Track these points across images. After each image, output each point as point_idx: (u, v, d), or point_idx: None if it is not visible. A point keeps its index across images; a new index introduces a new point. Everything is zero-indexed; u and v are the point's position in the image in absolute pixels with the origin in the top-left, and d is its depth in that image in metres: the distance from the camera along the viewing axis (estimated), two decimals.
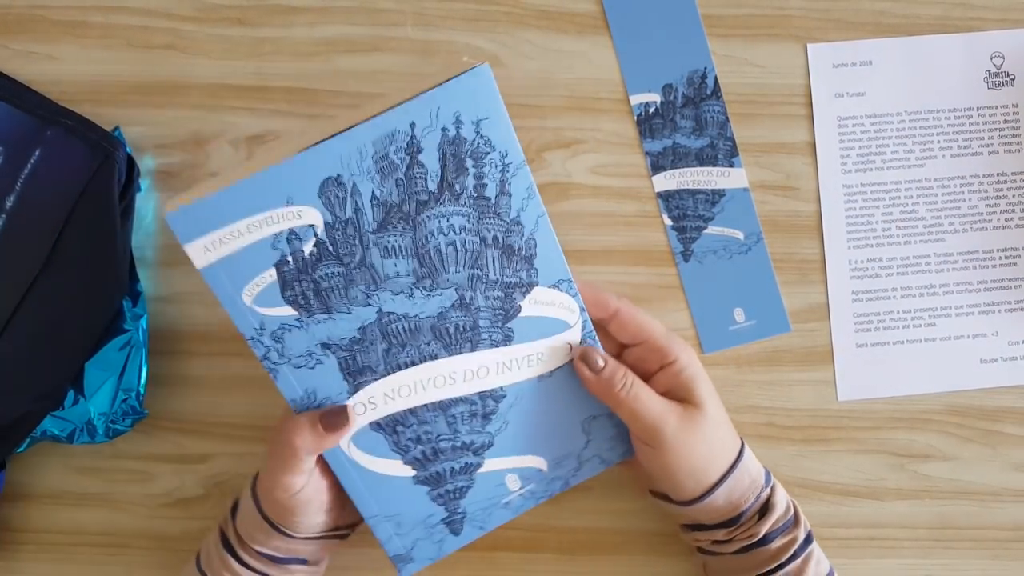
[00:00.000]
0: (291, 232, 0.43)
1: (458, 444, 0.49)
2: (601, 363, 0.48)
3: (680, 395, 0.49)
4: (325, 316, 0.45)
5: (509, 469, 0.50)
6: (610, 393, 0.48)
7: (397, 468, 0.49)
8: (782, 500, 0.50)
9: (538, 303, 0.47)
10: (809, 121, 0.59)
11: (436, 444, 0.49)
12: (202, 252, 0.42)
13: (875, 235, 0.58)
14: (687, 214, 0.58)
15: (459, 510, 0.50)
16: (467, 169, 0.44)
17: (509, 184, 0.45)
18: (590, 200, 0.58)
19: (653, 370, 0.50)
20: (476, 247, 0.45)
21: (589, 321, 0.49)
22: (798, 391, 0.58)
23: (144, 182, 0.57)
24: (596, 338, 0.49)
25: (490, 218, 0.45)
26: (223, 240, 0.42)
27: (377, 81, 0.58)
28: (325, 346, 0.45)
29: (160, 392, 0.56)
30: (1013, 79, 0.59)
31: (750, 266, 0.58)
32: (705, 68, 0.59)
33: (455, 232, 0.45)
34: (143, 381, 0.54)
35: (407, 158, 0.43)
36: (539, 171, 0.58)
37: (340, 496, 0.49)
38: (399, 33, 0.58)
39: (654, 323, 0.50)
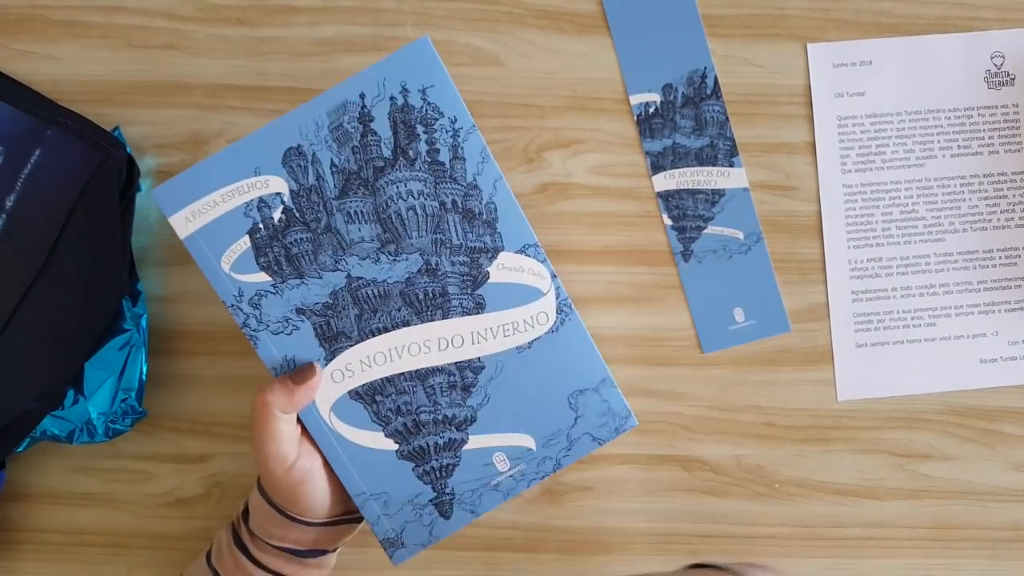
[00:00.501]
0: (260, 200, 0.46)
1: (439, 417, 0.49)
2: None
3: None
4: (298, 281, 0.47)
5: (496, 447, 0.50)
6: None
7: (379, 441, 0.49)
8: None
9: (506, 269, 0.48)
10: (809, 121, 0.59)
11: (416, 416, 0.49)
12: (184, 223, 0.46)
13: (875, 235, 0.58)
14: (687, 214, 0.58)
15: (447, 490, 0.50)
16: (418, 135, 0.47)
17: (462, 149, 0.47)
18: (590, 200, 0.58)
19: None
20: (436, 212, 0.47)
21: (563, 288, 0.49)
22: (798, 391, 0.58)
23: (144, 182, 0.57)
24: (572, 305, 0.49)
25: (447, 182, 0.47)
26: (201, 210, 0.46)
27: None
28: (300, 311, 0.47)
29: (160, 392, 0.56)
30: (1013, 79, 0.59)
31: (750, 266, 0.58)
32: (705, 68, 0.59)
33: (413, 197, 0.47)
34: (143, 381, 0.54)
35: (360, 127, 0.46)
36: (539, 171, 0.58)
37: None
38: (399, 33, 0.58)
39: None
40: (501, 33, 0.58)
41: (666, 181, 0.58)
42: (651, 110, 0.59)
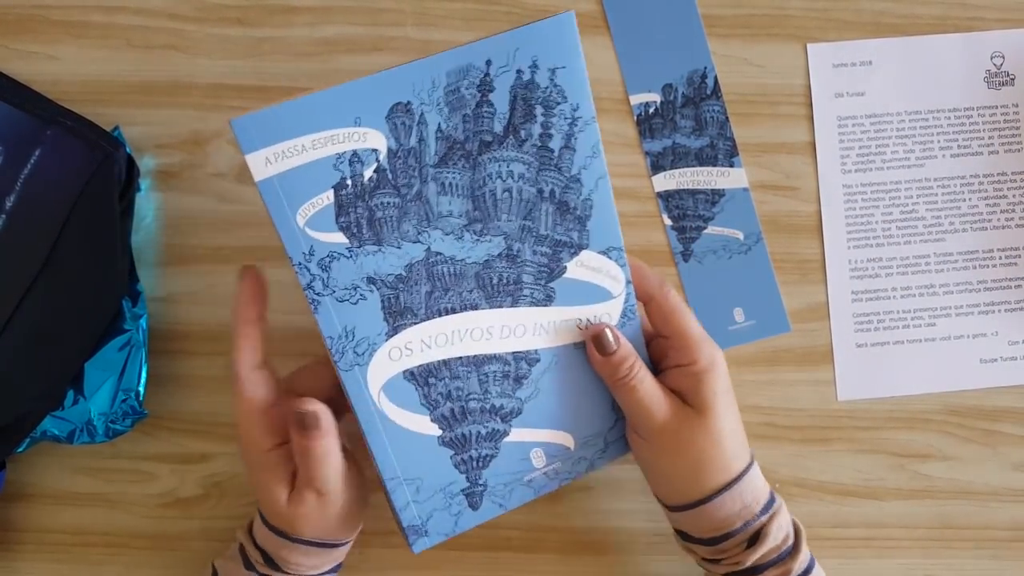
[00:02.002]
0: (354, 154, 0.42)
1: (487, 406, 0.48)
2: (613, 346, 0.47)
3: (688, 398, 0.48)
4: (375, 248, 0.44)
5: (535, 443, 0.49)
6: (614, 376, 0.48)
7: (424, 425, 0.47)
8: (780, 529, 0.47)
9: (584, 267, 0.47)
10: (809, 121, 0.59)
11: (465, 403, 0.47)
12: (263, 164, 0.41)
13: (875, 235, 0.58)
14: (687, 214, 0.58)
15: (480, 481, 0.49)
16: (535, 116, 0.44)
17: (575, 139, 0.45)
18: None
19: (671, 366, 0.49)
20: (532, 198, 0.45)
21: (633, 295, 0.48)
22: (798, 391, 0.58)
23: (144, 182, 0.57)
24: (637, 315, 0.48)
25: (550, 170, 0.45)
26: (286, 153, 0.41)
27: None
28: (371, 280, 0.44)
29: (160, 392, 0.56)
30: (1013, 79, 0.59)
31: (750, 266, 0.58)
32: (705, 68, 0.59)
33: (513, 179, 0.45)
34: (143, 381, 0.54)
35: (478, 95, 0.43)
36: None
37: (357, 488, 0.48)
38: (399, 33, 0.58)
39: (691, 321, 0.48)
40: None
41: (666, 181, 0.58)
42: (651, 110, 0.59)
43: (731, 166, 0.59)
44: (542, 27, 0.42)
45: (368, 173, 0.43)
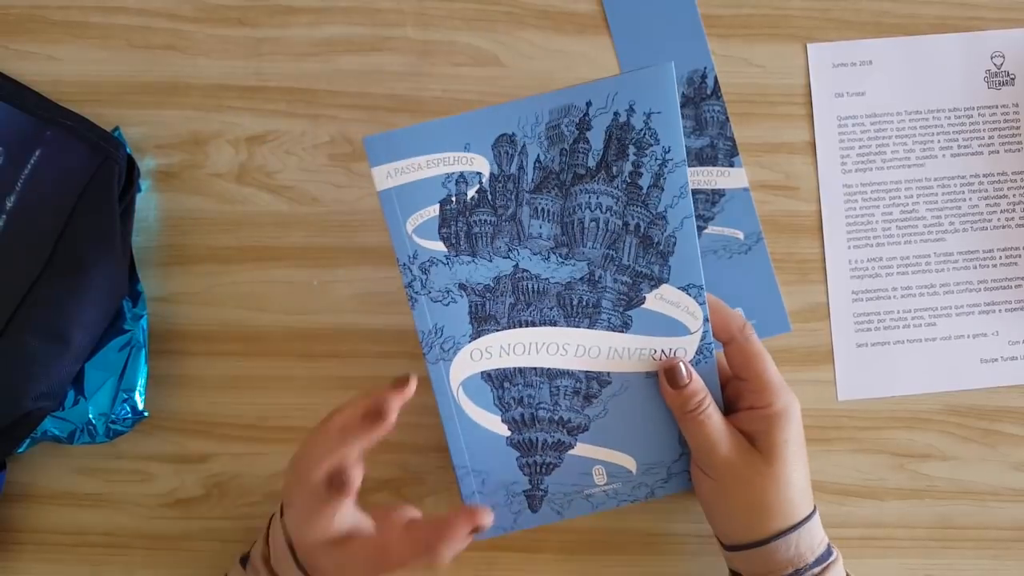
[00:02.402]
0: (461, 175, 0.47)
1: (555, 417, 0.51)
2: (685, 380, 0.49)
3: (758, 442, 0.49)
4: (469, 259, 0.48)
5: (598, 460, 0.52)
6: (683, 409, 0.49)
7: (495, 424, 0.51)
8: None
9: (663, 300, 0.49)
10: (809, 121, 0.59)
11: (535, 411, 0.51)
12: (384, 176, 0.47)
13: (875, 235, 0.58)
14: None
15: (542, 486, 0.52)
16: (628, 155, 0.47)
17: (664, 179, 0.47)
18: None
19: (744, 408, 0.50)
20: (617, 229, 0.48)
21: (710, 333, 0.49)
22: (798, 391, 0.58)
23: (144, 182, 0.57)
24: (713, 353, 0.50)
25: (637, 206, 0.48)
26: (404, 169, 0.47)
27: (377, 81, 0.58)
28: (462, 287, 0.49)
29: (160, 392, 0.56)
30: (1013, 79, 0.59)
31: (750, 266, 0.58)
32: (705, 68, 0.59)
33: (601, 210, 0.48)
34: (143, 381, 0.54)
35: (576, 132, 0.47)
36: None
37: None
38: (399, 33, 0.58)
39: (770, 366, 0.49)
40: (501, 33, 0.58)
41: None
42: None
43: (731, 166, 0.59)
44: (643, 75, 0.46)
45: (471, 192, 0.48)
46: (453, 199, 0.48)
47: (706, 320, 0.49)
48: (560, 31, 0.58)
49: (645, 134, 0.47)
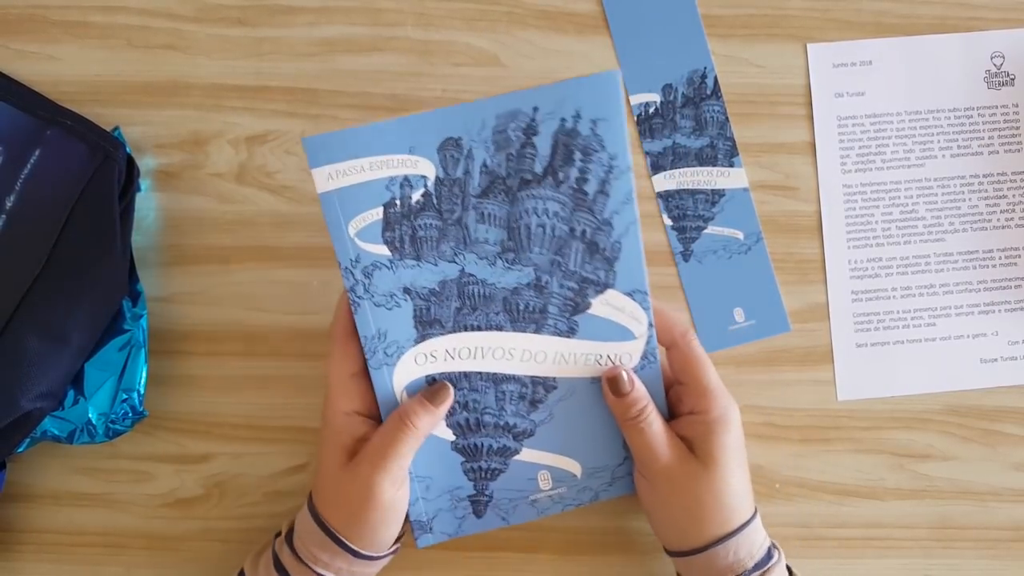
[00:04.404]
0: (405, 178, 0.46)
1: (501, 423, 0.50)
2: (627, 388, 0.49)
3: (696, 447, 0.49)
4: (414, 263, 0.48)
5: (543, 465, 0.51)
6: (624, 416, 0.49)
7: (439, 428, 0.50)
8: None
9: (608, 305, 0.49)
10: (809, 121, 0.59)
11: (480, 415, 0.50)
12: (325, 178, 0.45)
13: (875, 235, 0.58)
14: (687, 214, 0.58)
15: (487, 491, 0.51)
16: (574, 161, 0.46)
17: (610, 185, 0.47)
18: None
19: (684, 412, 0.50)
20: (564, 235, 0.48)
21: (655, 339, 0.49)
22: (798, 391, 0.58)
23: (144, 182, 0.57)
24: (658, 357, 0.50)
25: (584, 212, 0.47)
26: (346, 171, 0.45)
27: (377, 81, 0.58)
28: (407, 291, 0.48)
29: (160, 392, 0.56)
30: (1013, 79, 0.59)
31: (750, 266, 0.58)
32: (705, 68, 0.59)
33: (548, 216, 0.47)
34: (143, 381, 0.54)
35: (523, 137, 0.46)
36: None
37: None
38: (399, 33, 0.58)
39: (710, 372, 0.50)
40: (501, 33, 0.58)
41: (666, 181, 0.58)
42: (651, 110, 0.59)
43: (731, 166, 0.59)
44: (590, 81, 0.45)
45: (416, 196, 0.47)
46: (397, 202, 0.47)
47: (651, 325, 0.49)
48: (560, 31, 0.58)
49: (591, 141, 0.46)
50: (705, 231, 0.58)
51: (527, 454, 0.51)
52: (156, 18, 0.58)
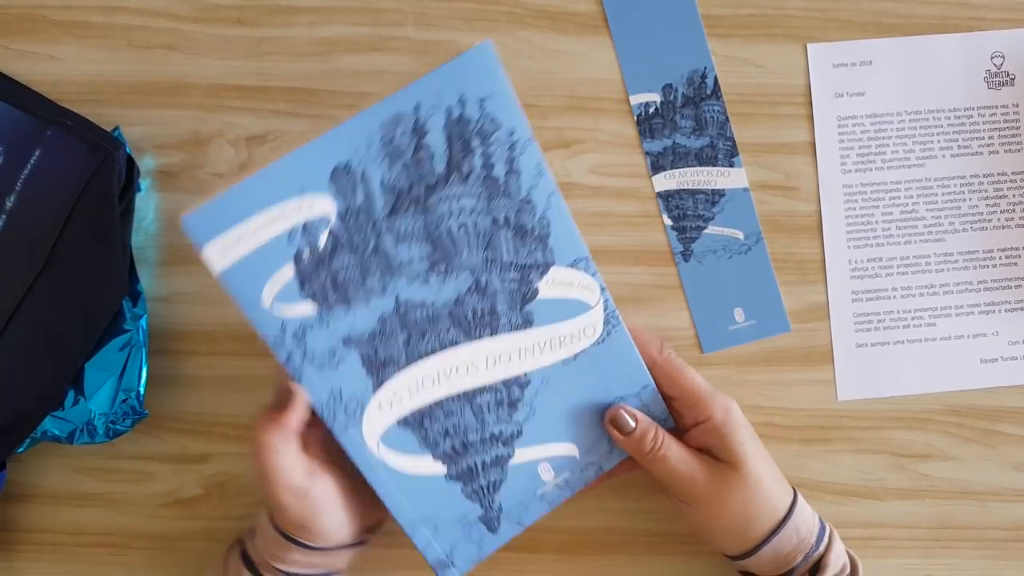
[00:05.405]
0: (305, 225, 0.43)
1: (487, 436, 0.49)
2: (631, 424, 0.49)
3: (717, 453, 0.49)
4: (345, 309, 0.44)
5: (541, 458, 0.50)
6: (641, 452, 0.49)
7: (428, 465, 0.48)
8: (837, 559, 0.49)
9: (556, 284, 0.47)
10: (809, 121, 0.59)
11: (465, 437, 0.48)
12: (219, 255, 0.41)
13: (875, 235, 0.58)
14: (687, 214, 0.58)
15: (495, 505, 0.50)
16: (473, 149, 0.44)
17: (517, 162, 0.45)
18: (590, 200, 0.58)
19: (690, 425, 0.50)
20: (488, 228, 0.45)
21: (611, 300, 0.48)
22: (798, 391, 0.58)
23: (144, 182, 0.57)
24: (618, 316, 0.49)
25: (500, 198, 0.45)
26: (240, 238, 0.41)
27: (377, 81, 0.58)
28: (347, 341, 0.45)
29: (160, 392, 0.56)
30: (1013, 79, 0.59)
31: (750, 266, 0.58)
32: (705, 68, 0.59)
33: (466, 214, 0.45)
34: (143, 381, 0.54)
35: (413, 140, 0.43)
36: None
37: (357, 493, 0.49)
38: (399, 33, 0.58)
39: (695, 377, 0.50)
40: (501, 33, 0.58)
41: (666, 181, 0.58)
42: (651, 110, 0.59)
43: (731, 166, 0.59)
44: (462, 61, 0.43)
45: (322, 239, 0.43)
46: (305, 252, 0.43)
47: (603, 289, 0.48)
48: (560, 31, 0.58)
49: (484, 122, 0.43)
50: (705, 231, 0.58)
51: (521, 454, 0.50)
52: (156, 18, 0.58)
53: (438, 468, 0.49)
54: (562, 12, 0.58)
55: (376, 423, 0.47)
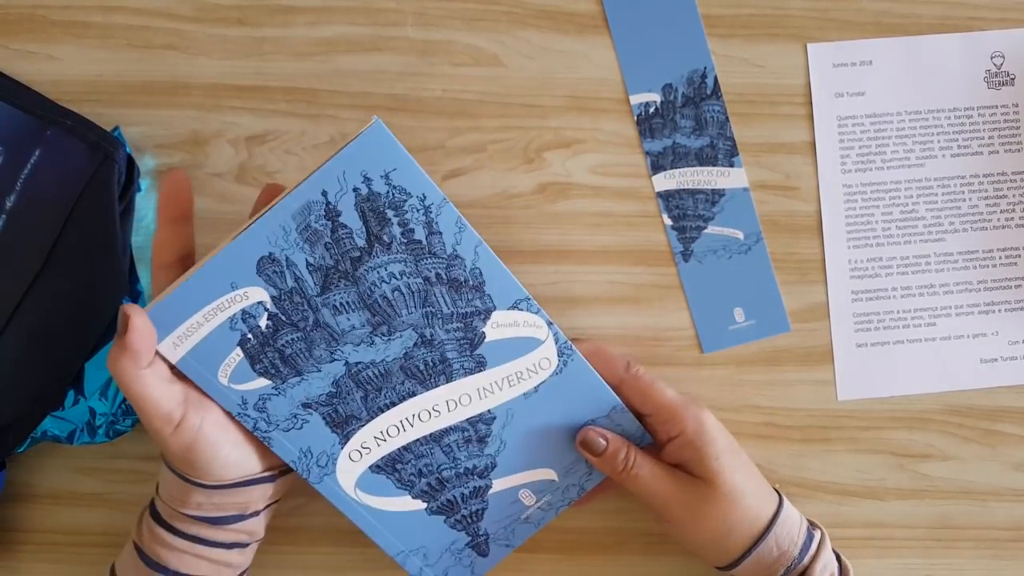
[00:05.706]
0: (244, 312, 0.45)
1: (461, 471, 0.50)
2: (602, 444, 0.49)
3: (692, 468, 0.49)
4: (298, 379, 0.47)
5: (520, 485, 0.51)
6: (615, 471, 0.50)
7: (408, 503, 0.50)
8: (825, 569, 0.49)
9: (501, 326, 0.48)
10: (809, 121, 0.59)
11: (439, 474, 0.50)
12: (172, 348, 0.45)
13: (875, 235, 0.58)
14: (687, 214, 0.58)
15: (480, 532, 0.52)
16: (390, 220, 0.45)
17: (436, 224, 0.46)
18: (590, 200, 0.58)
19: (664, 441, 0.50)
20: (421, 287, 0.47)
21: (560, 333, 0.49)
22: (798, 391, 0.58)
23: (144, 182, 0.57)
24: (572, 347, 0.49)
25: (428, 259, 0.46)
26: (187, 333, 0.45)
27: (377, 81, 0.58)
28: (306, 406, 0.47)
29: None
30: (1013, 79, 0.59)
31: (750, 266, 0.58)
32: (705, 68, 0.59)
33: (396, 278, 0.46)
34: None
35: (329, 223, 0.45)
36: (539, 171, 0.58)
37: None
38: (399, 33, 0.58)
39: (663, 393, 0.50)
40: (501, 33, 0.58)
41: (666, 181, 0.58)
42: (651, 110, 0.59)
43: (731, 166, 0.59)
44: (358, 144, 0.44)
45: (263, 322, 0.46)
46: (250, 335, 0.46)
47: (550, 324, 0.48)
48: (560, 31, 0.58)
49: (393, 194, 0.45)
50: (705, 231, 0.58)
51: (500, 483, 0.51)
52: (156, 18, 0.58)
53: (418, 505, 0.51)
54: (562, 12, 0.58)
55: (350, 472, 0.49)
